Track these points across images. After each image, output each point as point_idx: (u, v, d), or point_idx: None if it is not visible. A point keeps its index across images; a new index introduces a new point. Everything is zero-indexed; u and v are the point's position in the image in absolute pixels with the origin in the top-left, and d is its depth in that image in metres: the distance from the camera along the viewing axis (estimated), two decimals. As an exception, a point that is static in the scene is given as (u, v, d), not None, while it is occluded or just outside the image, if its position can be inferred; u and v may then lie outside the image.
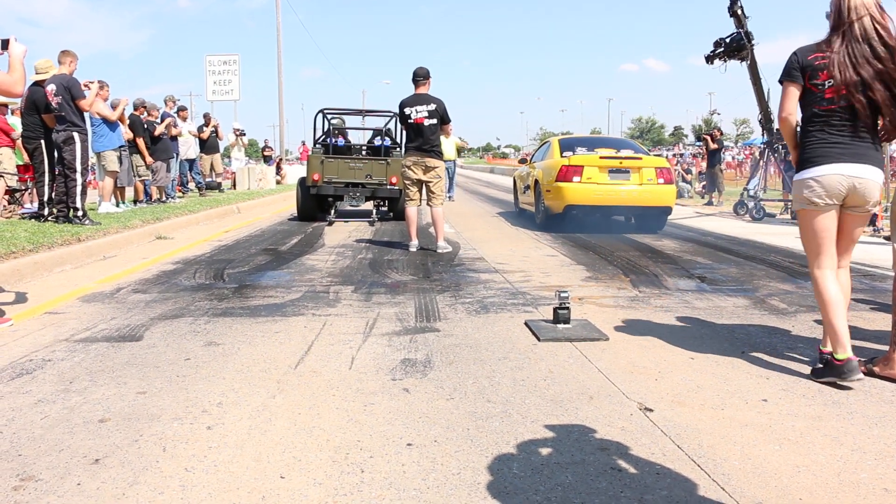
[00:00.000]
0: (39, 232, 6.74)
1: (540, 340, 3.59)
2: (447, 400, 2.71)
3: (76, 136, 7.83)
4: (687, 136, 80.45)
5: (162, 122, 11.95)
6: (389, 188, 10.33)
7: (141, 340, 3.53)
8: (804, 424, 2.51)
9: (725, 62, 11.52)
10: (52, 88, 7.73)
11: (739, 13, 11.15)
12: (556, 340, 3.59)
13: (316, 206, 10.65)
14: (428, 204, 7.24)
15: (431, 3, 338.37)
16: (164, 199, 12.01)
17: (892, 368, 3.01)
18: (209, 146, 15.41)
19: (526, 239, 8.43)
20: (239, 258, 6.54)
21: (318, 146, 11.04)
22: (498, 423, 2.48)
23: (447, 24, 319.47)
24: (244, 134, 19.88)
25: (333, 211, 10.39)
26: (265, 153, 25.77)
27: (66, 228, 7.19)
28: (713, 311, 4.41)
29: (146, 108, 11.69)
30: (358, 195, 10.24)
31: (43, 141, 8.07)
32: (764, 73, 11.63)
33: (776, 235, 9.24)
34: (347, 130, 11.85)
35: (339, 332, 3.76)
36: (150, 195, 11.77)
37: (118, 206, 10.41)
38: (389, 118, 11.08)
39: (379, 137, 11.26)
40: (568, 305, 3.82)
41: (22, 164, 9.81)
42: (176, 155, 12.88)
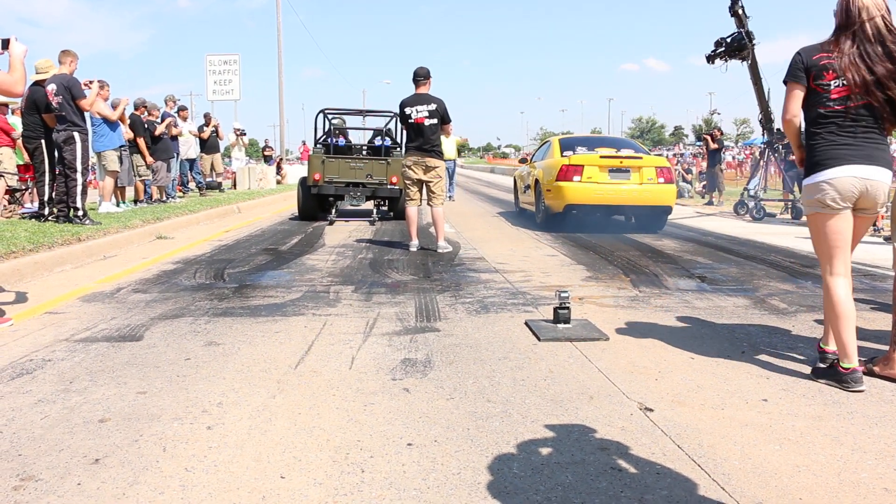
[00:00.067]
0: (40, 232, 6.74)
1: (540, 340, 3.60)
2: (447, 400, 2.71)
3: (77, 135, 7.83)
4: (687, 135, 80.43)
5: (162, 121, 11.95)
6: (390, 188, 10.36)
7: (141, 340, 3.54)
8: (804, 424, 2.51)
9: (726, 62, 11.52)
10: (52, 88, 7.73)
11: (740, 13, 11.16)
12: (556, 340, 3.59)
13: (317, 205, 10.71)
14: (428, 204, 7.24)
15: (431, 3, 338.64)
16: (164, 198, 12.03)
17: (892, 368, 3.00)
18: (209, 146, 15.43)
19: (526, 238, 8.43)
20: (239, 258, 6.54)
21: (318, 146, 11.07)
22: (498, 422, 2.48)
23: (447, 24, 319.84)
24: (244, 134, 19.90)
25: (334, 210, 10.45)
26: (266, 153, 25.80)
27: (66, 228, 7.20)
28: (713, 310, 4.41)
29: (147, 107, 11.70)
30: (358, 195, 10.28)
31: (43, 141, 8.08)
32: (764, 72, 11.66)
33: (776, 235, 9.24)
34: (348, 130, 11.88)
35: (339, 331, 3.76)
36: (150, 195, 11.79)
37: (118, 205, 10.42)
38: (390, 118, 11.10)
39: (379, 137, 11.27)
40: (568, 305, 3.82)
41: (22, 163, 9.82)
42: (176, 155, 12.89)
